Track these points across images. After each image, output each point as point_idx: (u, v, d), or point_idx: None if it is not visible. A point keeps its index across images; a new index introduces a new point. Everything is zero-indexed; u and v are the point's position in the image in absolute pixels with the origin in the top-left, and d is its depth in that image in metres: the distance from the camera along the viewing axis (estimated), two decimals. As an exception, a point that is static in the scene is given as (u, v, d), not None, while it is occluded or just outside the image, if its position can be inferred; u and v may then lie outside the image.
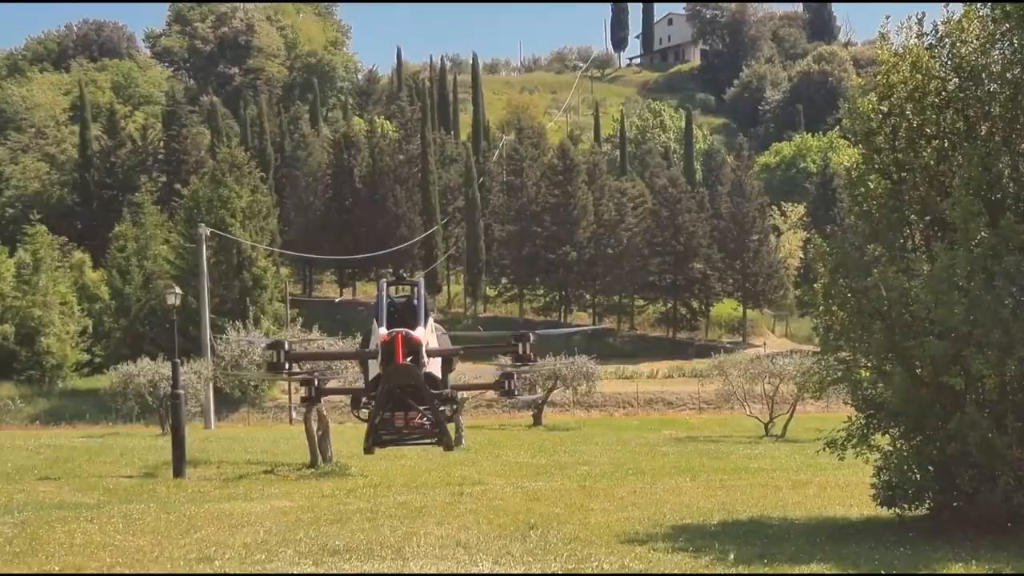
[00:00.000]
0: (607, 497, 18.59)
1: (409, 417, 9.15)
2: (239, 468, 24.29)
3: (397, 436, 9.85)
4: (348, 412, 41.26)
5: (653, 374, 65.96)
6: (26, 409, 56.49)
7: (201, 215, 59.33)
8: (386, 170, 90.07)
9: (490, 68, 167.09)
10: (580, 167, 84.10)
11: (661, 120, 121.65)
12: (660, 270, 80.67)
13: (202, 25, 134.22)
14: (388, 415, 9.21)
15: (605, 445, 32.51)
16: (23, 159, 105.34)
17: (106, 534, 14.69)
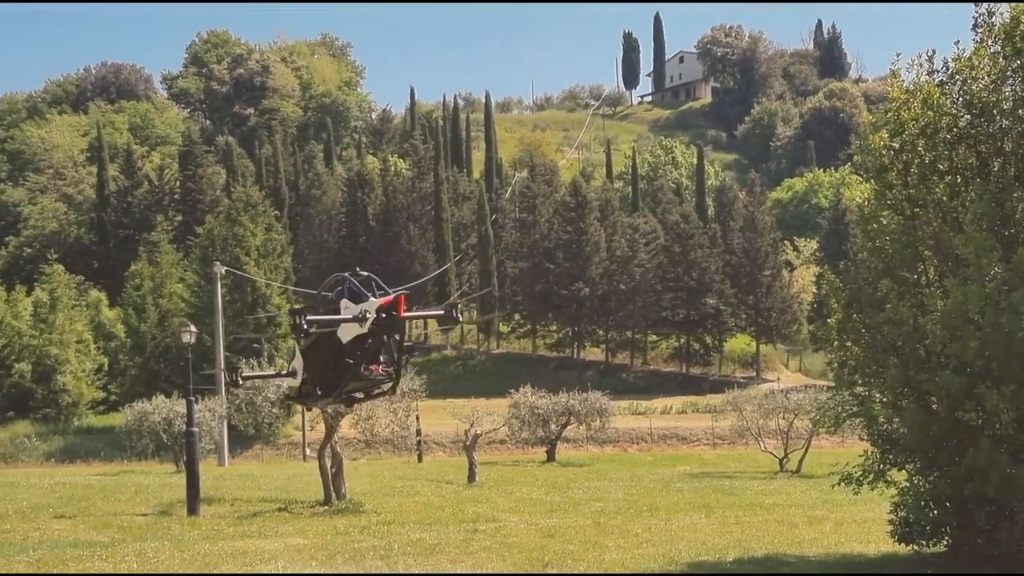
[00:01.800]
0: (622, 534, 18.51)
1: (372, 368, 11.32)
2: (253, 506, 24.26)
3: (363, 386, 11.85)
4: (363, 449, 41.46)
5: (667, 409, 65.73)
6: (42, 447, 56.59)
7: (216, 253, 59.64)
8: (399, 208, 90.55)
9: (503, 107, 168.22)
10: (592, 204, 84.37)
11: (673, 157, 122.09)
12: (673, 305, 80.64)
13: (218, 67, 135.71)
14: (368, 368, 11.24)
15: (619, 481, 32.34)
16: (41, 199, 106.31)
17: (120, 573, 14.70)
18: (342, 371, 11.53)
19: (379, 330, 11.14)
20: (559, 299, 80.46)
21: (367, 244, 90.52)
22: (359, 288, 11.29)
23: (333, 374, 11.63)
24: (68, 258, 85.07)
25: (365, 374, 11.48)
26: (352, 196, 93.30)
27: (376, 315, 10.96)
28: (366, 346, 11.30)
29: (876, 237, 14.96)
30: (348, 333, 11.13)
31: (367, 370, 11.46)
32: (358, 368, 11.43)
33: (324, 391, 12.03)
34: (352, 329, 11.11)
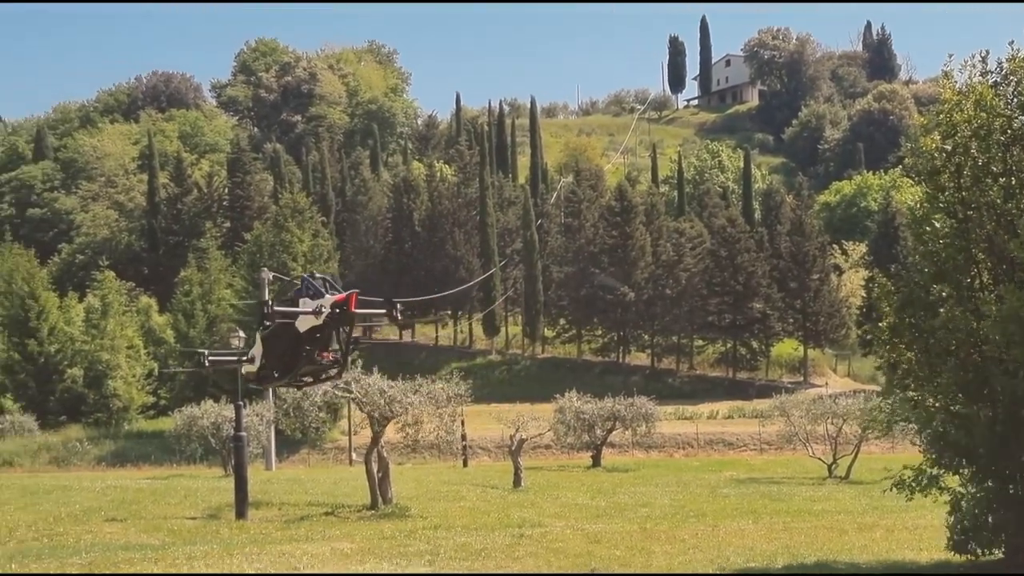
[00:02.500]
0: (668, 540, 18.38)
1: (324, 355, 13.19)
2: (300, 509, 24.40)
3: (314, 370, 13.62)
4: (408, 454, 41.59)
5: (713, 415, 65.32)
6: (93, 451, 57.37)
7: (264, 259, 60.20)
8: (445, 213, 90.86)
9: (548, 112, 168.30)
10: (638, 208, 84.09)
11: (719, 160, 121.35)
12: (719, 310, 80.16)
13: (266, 75, 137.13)
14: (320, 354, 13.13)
15: (665, 487, 32.14)
16: (93, 207, 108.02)
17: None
18: (298, 357, 13.29)
19: (332, 322, 13.02)
20: (604, 304, 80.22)
21: (413, 249, 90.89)
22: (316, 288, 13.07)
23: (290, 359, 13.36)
24: (119, 265, 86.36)
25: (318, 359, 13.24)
26: (398, 202, 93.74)
27: (331, 309, 12.84)
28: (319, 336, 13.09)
29: (928, 241, 14.72)
30: (305, 324, 12.91)
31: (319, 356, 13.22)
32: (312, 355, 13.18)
33: (280, 374, 13.81)
34: (309, 321, 12.90)
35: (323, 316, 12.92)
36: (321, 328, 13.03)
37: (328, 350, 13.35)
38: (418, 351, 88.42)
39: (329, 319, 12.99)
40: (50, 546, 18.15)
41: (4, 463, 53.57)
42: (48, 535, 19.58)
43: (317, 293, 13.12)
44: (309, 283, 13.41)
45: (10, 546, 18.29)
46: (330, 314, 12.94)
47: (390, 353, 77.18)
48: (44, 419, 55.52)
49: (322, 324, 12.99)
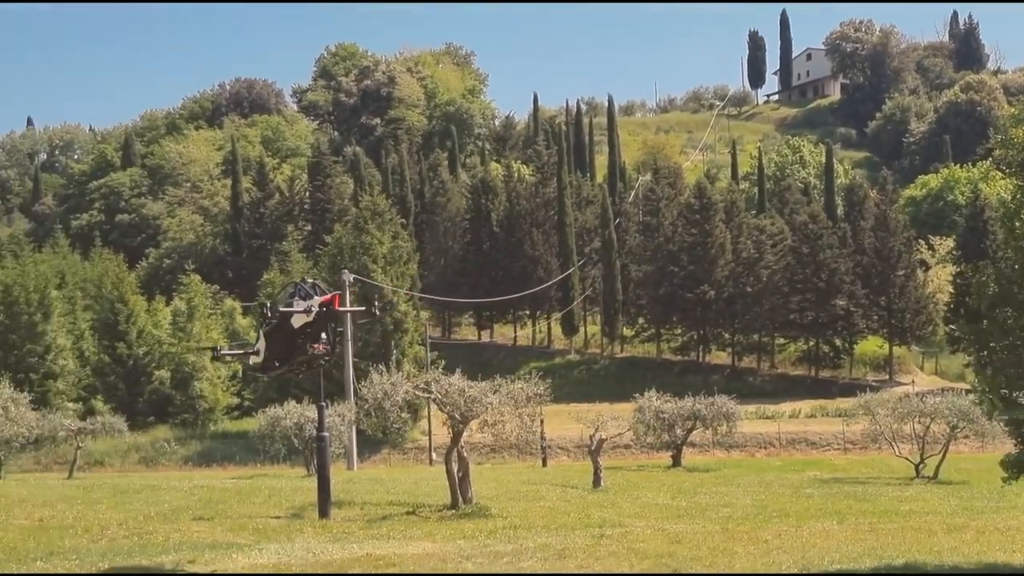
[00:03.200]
0: (751, 540, 18.16)
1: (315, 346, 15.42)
2: (382, 509, 24.58)
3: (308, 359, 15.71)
4: (488, 454, 42.01)
5: (795, 414, 64.41)
6: (180, 451, 58.60)
7: (344, 261, 60.85)
8: (523, 213, 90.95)
9: (625, 110, 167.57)
10: (717, 205, 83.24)
11: (800, 156, 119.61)
12: (801, 308, 78.97)
13: (346, 79, 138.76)
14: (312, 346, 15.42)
15: (747, 487, 31.76)
16: (179, 212, 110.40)
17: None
18: (294, 348, 15.58)
19: (320, 319, 15.30)
20: (684, 302, 79.55)
21: (491, 250, 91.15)
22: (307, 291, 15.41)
23: (287, 351, 15.63)
24: (204, 268, 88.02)
25: (310, 350, 15.53)
26: (476, 203, 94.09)
27: (319, 308, 15.20)
28: (310, 330, 15.34)
29: (1021, 236, 14.34)
30: (299, 321, 15.26)
31: (311, 347, 15.51)
32: (305, 346, 15.48)
33: (280, 363, 15.91)
34: (302, 318, 15.23)
35: (312, 314, 15.20)
36: (312, 324, 15.29)
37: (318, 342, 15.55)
38: (497, 351, 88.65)
39: (318, 316, 15.29)
40: (140, 544, 18.56)
41: (95, 463, 54.98)
42: (138, 533, 20.01)
43: (308, 295, 15.42)
44: (301, 287, 15.73)
45: (102, 544, 18.74)
46: (318, 312, 15.26)
47: (469, 354, 77.63)
48: (133, 420, 56.75)
49: (312, 320, 15.28)
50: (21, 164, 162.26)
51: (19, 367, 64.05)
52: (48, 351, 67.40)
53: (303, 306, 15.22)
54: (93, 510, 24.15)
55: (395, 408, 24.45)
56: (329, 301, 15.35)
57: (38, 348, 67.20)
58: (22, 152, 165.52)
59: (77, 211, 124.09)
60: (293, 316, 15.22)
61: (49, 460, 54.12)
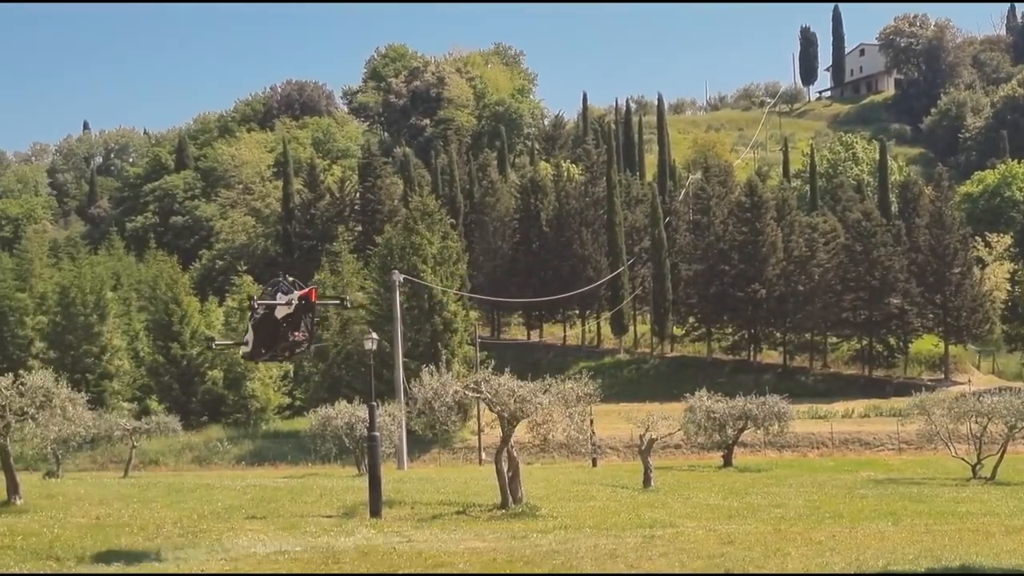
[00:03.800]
0: (804, 541, 17.96)
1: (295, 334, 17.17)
2: (432, 508, 24.64)
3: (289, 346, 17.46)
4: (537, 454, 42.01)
5: (848, 413, 63.65)
6: (233, 450, 59.22)
7: (394, 262, 61.13)
8: (572, 213, 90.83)
9: (675, 108, 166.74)
10: (769, 203, 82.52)
11: (853, 153, 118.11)
12: (854, 306, 78.03)
13: (396, 80, 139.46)
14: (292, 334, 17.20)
15: (799, 487, 31.41)
16: (232, 214, 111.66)
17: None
18: (277, 336, 17.33)
19: (299, 310, 17.06)
20: (734, 301, 78.97)
21: (540, 250, 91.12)
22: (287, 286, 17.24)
23: (271, 339, 17.42)
24: (256, 269, 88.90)
25: (291, 338, 17.28)
26: (525, 202, 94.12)
27: (298, 301, 16.98)
28: (290, 320, 17.10)
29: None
30: (281, 312, 17.07)
31: (292, 336, 17.25)
32: (287, 334, 17.24)
33: (266, 350, 17.79)
34: (284, 310, 17.02)
35: (293, 306, 17.01)
36: (292, 315, 17.06)
37: (298, 330, 17.31)
38: (546, 351, 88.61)
39: (297, 308, 17.10)
40: (193, 543, 18.76)
41: (150, 462, 55.74)
42: (192, 532, 20.23)
43: (288, 290, 17.26)
44: (283, 284, 17.56)
45: (156, 542, 18.98)
46: (297, 304, 17.05)
47: (519, 353, 77.65)
48: (187, 420, 57.46)
49: (292, 312, 17.06)
50: (78, 168, 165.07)
51: (76, 367, 65.17)
52: (104, 352, 68.57)
53: (285, 299, 17.20)
54: (148, 508, 24.47)
55: (445, 408, 24.50)
56: (306, 295, 17.28)
57: (94, 349, 68.38)
58: (79, 156, 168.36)
59: (132, 213, 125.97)
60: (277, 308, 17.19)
61: (105, 459, 54.93)
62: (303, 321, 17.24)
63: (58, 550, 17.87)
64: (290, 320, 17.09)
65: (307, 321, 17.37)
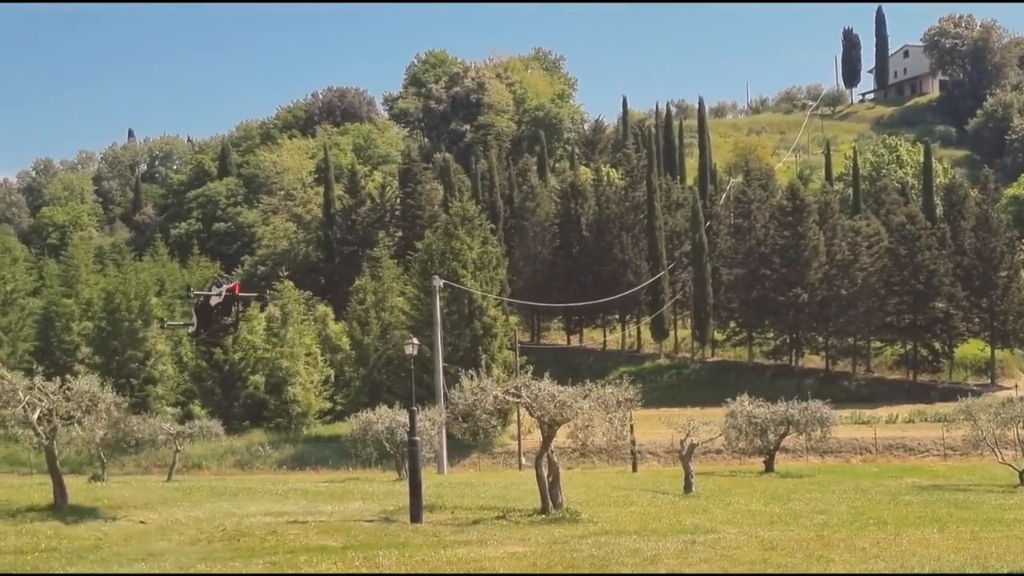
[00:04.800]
0: (847, 548, 17.80)
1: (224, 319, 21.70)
2: (473, 513, 24.67)
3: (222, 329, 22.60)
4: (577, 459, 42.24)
5: (892, 419, 62.94)
6: (274, 454, 59.53)
7: (435, 267, 61.24)
8: (612, 217, 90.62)
9: (716, 112, 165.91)
10: (811, 207, 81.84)
11: (897, 155, 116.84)
12: (898, 310, 77.20)
13: (436, 86, 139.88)
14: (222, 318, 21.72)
15: (842, 493, 31.11)
16: (273, 220, 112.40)
17: None
18: (211, 320, 21.87)
19: (227, 300, 21.43)
20: (776, 305, 78.40)
21: (580, 254, 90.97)
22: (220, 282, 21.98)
23: (207, 321, 21.96)
24: (297, 275, 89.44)
25: (222, 321, 21.87)
26: (565, 207, 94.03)
27: (226, 292, 21.37)
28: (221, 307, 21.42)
29: None
30: (214, 301, 21.46)
31: (222, 319, 21.78)
32: (219, 318, 21.71)
33: (204, 330, 22.36)
34: (215, 299, 21.43)
35: (222, 296, 21.37)
36: (222, 303, 21.45)
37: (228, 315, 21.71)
38: (586, 356, 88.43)
39: (225, 298, 21.45)
40: (236, 547, 18.92)
41: (193, 466, 56.21)
42: (235, 536, 20.40)
43: (221, 284, 21.86)
44: (218, 279, 22.40)
45: (200, 546, 19.16)
46: (226, 295, 21.43)
47: (559, 358, 77.48)
48: (229, 424, 57.75)
49: (222, 301, 21.47)
50: (123, 175, 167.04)
51: (121, 372, 65.93)
52: (148, 357, 69.28)
53: (217, 291, 21.75)
54: (192, 512, 24.70)
55: (485, 413, 24.53)
56: (232, 288, 21.71)
57: (139, 354, 69.12)
58: (124, 163, 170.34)
59: (176, 220, 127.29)
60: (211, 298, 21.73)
61: (149, 463, 55.47)
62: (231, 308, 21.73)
63: (103, 552, 18.09)
64: (220, 307, 21.61)
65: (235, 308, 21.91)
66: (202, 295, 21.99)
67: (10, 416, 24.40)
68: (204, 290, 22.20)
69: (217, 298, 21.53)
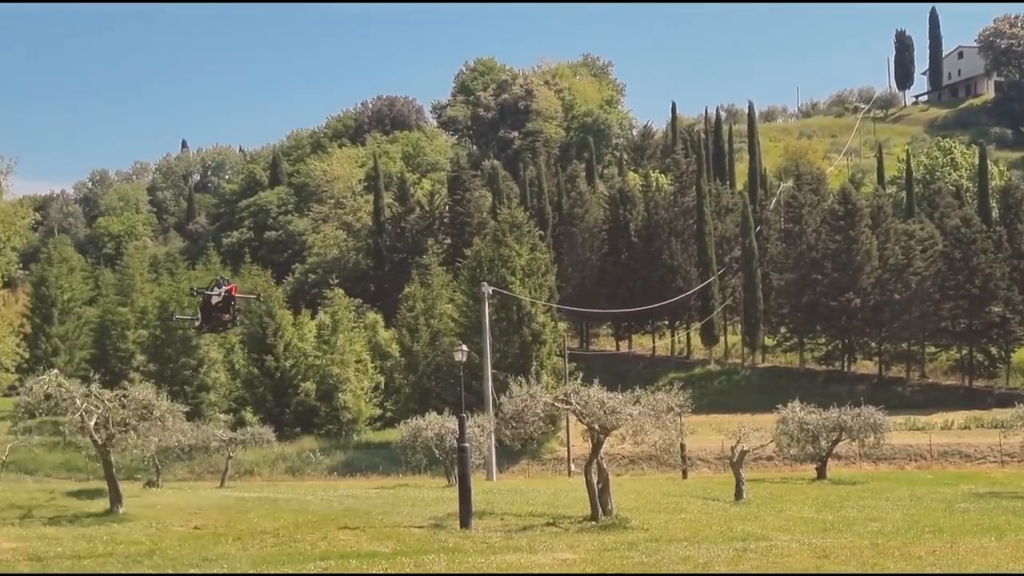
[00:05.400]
0: (902, 556, 17.55)
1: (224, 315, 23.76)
2: (522, 520, 24.64)
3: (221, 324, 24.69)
4: (627, 465, 42.23)
5: (947, 425, 62.00)
6: (325, 461, 59.95)
7: (483, 274, 61.26)
8: (661, 223, 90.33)
9: (766, 116, 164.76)
10: (863, 211, 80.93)
11: (951, 158, 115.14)
12: (953, 315, 76.03)
13: (484, 94, 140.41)
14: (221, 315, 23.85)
15: (896, 500, 30.65)
16: (324, 228, 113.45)
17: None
18: (211, 316, 23.88)
19: (225, 299, 23.50)
20: (827, 311, 77.58)
21: (629, 260, 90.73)
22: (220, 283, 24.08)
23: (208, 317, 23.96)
24: (347, 282, 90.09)
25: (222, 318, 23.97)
26: (614, 213, 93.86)
27: (224, 292, 23.51)
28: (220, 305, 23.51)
29: None
30: (214, 300, 23.53)
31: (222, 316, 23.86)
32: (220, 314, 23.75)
33: (206, 324, 24.47)
34: (216, 298, 23.48)
35: (221, 296, 23.45)
36: (221, 301, 23.52)
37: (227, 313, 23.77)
38: (635, 362, 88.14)
39: (224, 297, 23.54)
40: (288, 552, 19.08)
41: (245, 472, 56.73)
42: (286, 541, 20.57)
43: (220, 285, 23.92)
44: (219, 282, 24.47)
45: (253, 551, 19.34)
46: (224, 295, 23.54)
47: (608, 364, 77.35)
48: (280, 431, 58.30)
49: (221, 300, 23.52)
50: (176, 185, 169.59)
51: (174, 380, 66.76)
52: (201, 364, 70.08)
53: (217, 291, 23.89)
54: (244, 518, 24.95)
55: (534, 419, 24.52)
56: (230, 290, 23.99)
57: (192, 361, 69.95)
58: (177, 174, 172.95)
59: (228, 229, 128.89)
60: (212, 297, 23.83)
61: (202, 469, 56.07)
62: (229, 306, 23.91)
63: (158, 558, 18.33)
64: (219, 306, 23.84)
65: (232, 307, 24.09)
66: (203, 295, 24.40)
67: (68, 423, 24.84)
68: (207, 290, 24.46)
69: (217, 298, 23.85)
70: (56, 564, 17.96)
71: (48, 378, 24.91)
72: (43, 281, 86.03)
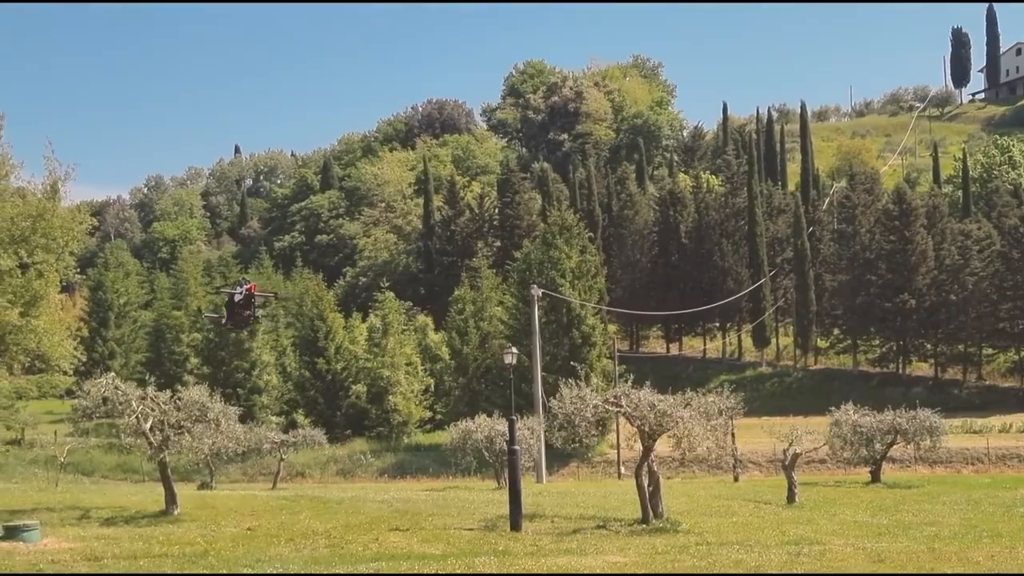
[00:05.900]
0: (960, 561, 17.26)
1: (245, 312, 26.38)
2: (572, 522, 24.54)
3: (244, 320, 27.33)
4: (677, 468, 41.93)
5: (1006, 428, 60.89)
6: (376, 463, 60.27)
7: (533, 276, 61.29)
8: (712, 224, 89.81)
9: (819, 115, 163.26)
10: (918, 211, 79.89)
11: (1009, 156, 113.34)
12: (1011, 316, 74.75)
13: (534, 96, 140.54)
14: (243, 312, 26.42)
15: (953, 504, 30.13)
16: (374, 231, 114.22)
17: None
18: (233, 313, 26.39)
19: (246, 297, 25.94)
20: (882, 312, 76.64)
21: (679, 262, 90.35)
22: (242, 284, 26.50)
23: (232, 314, 26.51)
24: (398, 285, 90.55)
25: (244, 314, 26.49)
26: (664, 215, 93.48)
27: (244, 291, 25.90)
28: (241, 303, 25.96)
29: None
30: (237, 298, 26.00)
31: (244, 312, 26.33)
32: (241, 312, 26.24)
33: (230, 320, 27.02)
34: (237, 296, 25.98)
35: (242, 295, 25.90)
36: (243, 300, 26.01)
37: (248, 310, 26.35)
38: (686, 364, 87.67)
39: (245, 295, 25.98)
40: (340, 554, 19.18)
41: (297, 474, 57.20)
42: (339, 543, 20.69)
43: (241, 285, 26.32)
44: (241, 282, 27.05)
45: (305, 552, 19.47)
46: (245, 293, 25.96)
47: (658, 367, 77.03)
48: (332, 433, 58.71)
49: (242, 298, 25.99)
50: (230, 190, 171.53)
51: (228, 382, 67.48)
52: (254, 367, 70.79)
53: (239, 290, 26.39)
54: (296, 520, 25.12)
55: (584, 422, 24.44)
56: (250, 288, 26.39)
57: (245, 364, 70.67)
58: (230, 179, 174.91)
59: (280, 233, 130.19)
60: (235, 296, 26.28)
61: (255, 471, 56.62)
62: (250, 303, 26.37)
63: (212, 558, 18.52)
64: (241, 303, 26.25)
65: (252, 304, 26.60)
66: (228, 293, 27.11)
67: (124, 426, 25.17)
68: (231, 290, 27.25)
69: (239, 296, 26.28)
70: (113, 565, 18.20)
71: (105, 381, 25.21)
72: (100, 285, 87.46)
